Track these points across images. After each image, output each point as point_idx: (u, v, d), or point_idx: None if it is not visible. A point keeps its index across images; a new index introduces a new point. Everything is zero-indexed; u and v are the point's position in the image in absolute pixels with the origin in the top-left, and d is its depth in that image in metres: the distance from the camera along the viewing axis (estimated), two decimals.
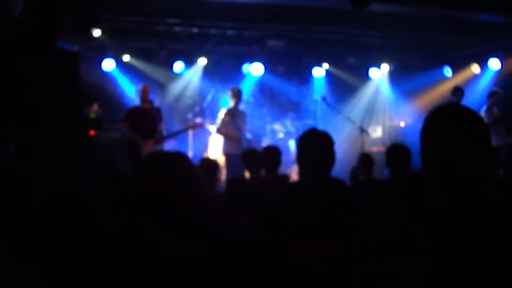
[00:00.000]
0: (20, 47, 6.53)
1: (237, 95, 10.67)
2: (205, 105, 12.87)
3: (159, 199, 2.54)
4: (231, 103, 10.72)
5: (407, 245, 1.90)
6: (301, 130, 11.10)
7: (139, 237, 2.51)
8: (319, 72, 14.04)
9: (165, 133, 10.05)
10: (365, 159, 7.26)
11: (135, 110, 9.57)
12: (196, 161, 6.50)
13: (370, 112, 14.72)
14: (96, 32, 10.76)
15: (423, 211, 1.97)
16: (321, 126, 11.68)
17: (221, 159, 11.01)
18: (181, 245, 2.49)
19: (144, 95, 9.52)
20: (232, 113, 10.56)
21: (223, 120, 10.53)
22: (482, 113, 10.31)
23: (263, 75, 13.54)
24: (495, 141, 9.40)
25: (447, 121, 2.00)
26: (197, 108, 12.98)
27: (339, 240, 3.08)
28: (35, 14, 6.89)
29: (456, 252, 1.83)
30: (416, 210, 1.98)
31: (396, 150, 5.94)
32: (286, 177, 6.44)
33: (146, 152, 9.14)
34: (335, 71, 14.12)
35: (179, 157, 2.73)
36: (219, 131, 10.66)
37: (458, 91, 11.27)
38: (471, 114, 2.03)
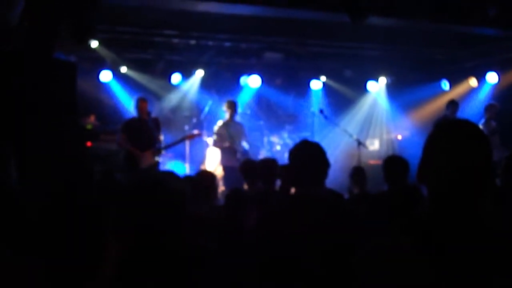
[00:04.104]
0: (16, 57, 6.51)
1: (232, 107, 10.69)
2: (202, 117, 12.85)
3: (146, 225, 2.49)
4: (226, 115, 10.73)
5: (396, 262, 1.88)
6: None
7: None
8: (316, 84, 14.07)
9: (163, 142, 10.05)
10: (357, 172, 7.17)
11: (132, 122, 9.57)
12: (192, 173, 6.49)
13: (368, 125, 14.74)
14: (94, 43, 10.76)
15: (414, 226, 1.96)
16: (318, 139, 11.68)
17: (218, 171, 11.01)
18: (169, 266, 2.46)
19: (141, 109, 9.53)
20: (227, 126, 10.56)
21: (218, 133, 10.54)
22: (481, 126, 10.32)
23: (260, 87, 13.55)
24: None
25: (455, 135, 2.02)
26: (194, 120, 12.95)
27: (333, 252, 3.07)
28: (31, 24, 6.88)
29: (446, 270, 1.82)
30: (407, 225, 1.97)
31: (393, 162, 5.90)
32: (284, 190, 6.40)
33: (144, 164, 9.17)
34: (332, 83, 14.15)
35: (166, 182, 2.65)
36: (215, 144, 10.69)
37: (452, 105, 11.27)
38: (478, 131, 2.05)
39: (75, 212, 3.48)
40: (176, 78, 12.89)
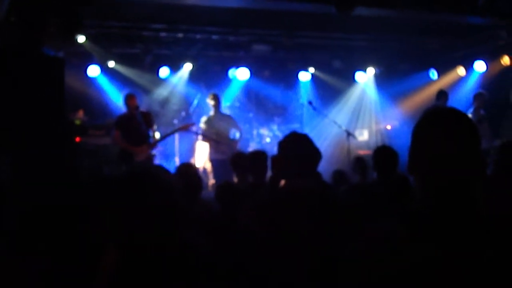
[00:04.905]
0: (3, 53, 6.47)
1: (214, 100, 10.65)
2: (191, 110, 12.82)
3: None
4: (211, 109, 10.71)
5: (392, 250, 1.89)
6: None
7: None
8: (305, 76, 14.05)
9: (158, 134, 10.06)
10: (359, 162, 7.23)
11: (124, 118, 9.59)
12: None
13: (356, 115, 14.75)
14: (81, 38, 10.70)
15: (408, 215, 1.96)
16: (307, 130, 11.68)
17: (208, 166, 11.00)
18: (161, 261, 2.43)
19: (130, 105, 9.53)
20: (212, 119, 10.54)
21: (203, 128, 10.52)
22: (469, 114, 10.37)
23: (249, 80, 13.51)
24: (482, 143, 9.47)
25: (442, 124, 2.01)
26: (183, 114, 12.93)
27: (325, 243, 3.07)
28: (18, 19, 6.84)
29: (441, 258, 1.82)
30: (401, 214, 1.97)
31: (383, 153, 5.93)
32: (274, 181, 6.39)
33: (139, 158, 9.21)
34: (321, 75, 14.13)
35: (155, 179, 2.57)
36: (202, 138, 10.68)
37: (442, 95, 11.31)
38: (465, 119, 2.04)
39: (63, 209, 3.45)
40: (164, 71, 12.83)
